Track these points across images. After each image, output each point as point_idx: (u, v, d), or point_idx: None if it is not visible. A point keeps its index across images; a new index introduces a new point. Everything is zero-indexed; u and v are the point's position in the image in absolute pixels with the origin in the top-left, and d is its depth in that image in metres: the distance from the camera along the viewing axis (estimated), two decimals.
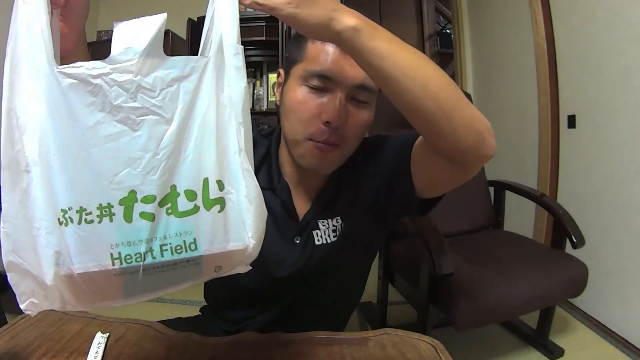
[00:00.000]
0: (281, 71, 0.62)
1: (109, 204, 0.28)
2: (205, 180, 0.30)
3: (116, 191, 0.28)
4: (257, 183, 0.33)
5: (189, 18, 2.42)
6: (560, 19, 1.88)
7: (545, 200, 1.49)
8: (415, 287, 1.25)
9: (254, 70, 2.36)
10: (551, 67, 1.91)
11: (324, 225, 0.63)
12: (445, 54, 3.65)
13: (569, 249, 1.31)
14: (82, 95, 0.29)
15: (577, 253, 1.28)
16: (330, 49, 0.53)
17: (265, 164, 0.65)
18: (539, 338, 1.47)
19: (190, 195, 0.30)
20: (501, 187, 1.72)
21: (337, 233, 0.64)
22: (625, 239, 1.52)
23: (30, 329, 0.56)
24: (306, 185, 0.64)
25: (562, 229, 1.32)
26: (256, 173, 0.65)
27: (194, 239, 0.30)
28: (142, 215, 0.28)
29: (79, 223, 0.28)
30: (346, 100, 0.54)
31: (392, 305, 1.61)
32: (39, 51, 0.30)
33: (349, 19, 0.40)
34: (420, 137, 0.55)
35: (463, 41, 2.80)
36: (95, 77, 0.30)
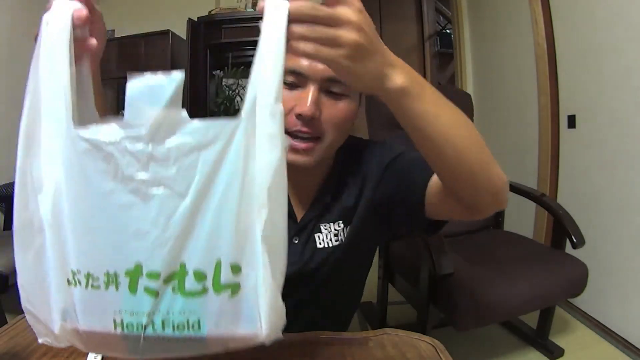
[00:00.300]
0: None
1: (115, 273, 0.27)
2: (218, 263, 0.28)
3: (123, 262, 0.27)
4: (282, 271, 0.31)
5: (189, 18, 2.42)
6: (560, 19, 1.88)
7: (545, 200, 1.49)
8: (415, 287, 1.25)
9: None
10: (551, 67, 1.91)
11: (326, 229, 0.64)
12: (445, 54, 3.65)
13: (569, 249, 1.31)
14: (96, 161, 0.28)
15: (577, 253, 1.28)
16: None
17: None
18: (539, 338, 1.47)
19: (199, 276, 0.28)
20: None
21: (339, 237, 0.64)
22: (625, 239, 1.52)
23: (30, 329, 0.56)
24: (304, 185, 0.65)
25: (562, 229, 1.32)
26: None
27: (198, 320, 0.28)
28: (146, 289, 0.27)
29: (86, 287, 0.28)
30: (320, 92, 0.54)
31: (392, 305, 1.61)
32: (60, 109, 0.29)
33: (399, 78, 0.39)
34: (436, 177, 0.55)
35: (463, 41, 2.80)
36: (107, 144, 0.28)
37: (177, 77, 0.28)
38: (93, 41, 0.38)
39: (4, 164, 2.17)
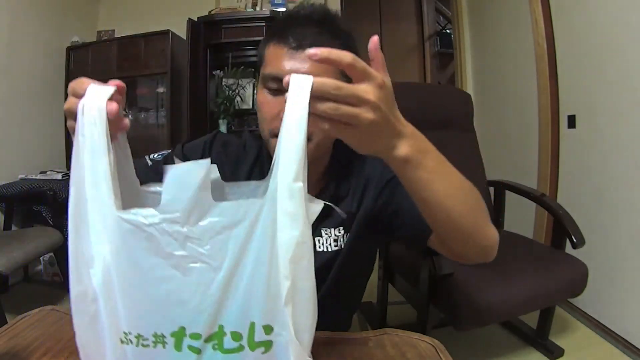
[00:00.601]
0: None
1: (162, 334, 0.31)
2: (252, 324, 0.32)
3: (169, 326, 0.31)
4: (309, 330, 0.34)
5: (189, 18, 2.42)
6: (560, 19, 1.88)
7: (545, 200, 1.49)
8: (415, 287, 1.25)
9: (254, 70, 2.36)
10: (551, 67, 1.91)
11: (326, 234, 0.65)
12: (445, 54, 3.65)
13: (569, 249, 1.31)
14: (139, 240, 0.32)
15: (577, 253, 1.28)
16: (283, 51, 0.55)
17: (258, 165, 0.67)
18: (539, 338, 1.47)
19: (236, 336, 0.32)
20: (501, 187, 1.72)
21: (339, 243, 0.65)
22: (625, 239, 1.52)
23: (30, 329, 0.56)
24: None
25: (562, 229, 1.32)
26: (249, 174, 0.66)
27: None
28: (190, 348, 0.31)
29: (137, 345, 0.32)
30: None
31: (392, 305, 1.61)
32: (103, 195, 0.32)
33: (403, 148, 0.41)
34: None
35: (463, 41, 2.80)
36: (148, 225, 0.31)
37: (205, 164, 0.32)
38: (126, 121, 0.40)
39: (4, 164, 2.18)
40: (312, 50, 0.35)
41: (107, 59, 2.62)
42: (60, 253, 1.90)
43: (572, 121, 1.81)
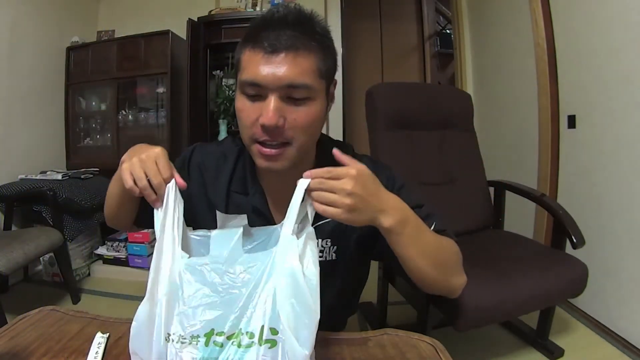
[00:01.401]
0: None
1: (197, 335, 0.44)
2: (262, 327, 0.44)
3: (203, 329, 0.44)
4: (308, 336, 0.44)
5: (189, 18, 2.42)
6: (560, 19, 1.88)
7: (545, 200, 1.49)
8: (415, 287, 1.25)
9: None
10: (551, 67, 1.91)
11: None
12: (445, 54, 3.65)
13: (569, 249, 1.31)
14: (193, 274, 0.48)
15: (577, 253, 1.28)
16: (258, 56, 0.54)
17: (240, 169, 0.67)
18: (539, 338, 1.47)
19: (250, 335, 0.44)
20: (501, 187, 1.72)
21: (324, 254, 0.66)
22: (625, 239, 1.52)
23: (30, 329, 0.56)
24: (286, 193, 0.65)
25: (562, 229, 1.32)
26: (230, 182, 0.66)
27: None
28: (215, 343, 0.44)
29: (176, 342, 0.44)
30: (282, 100, 0.55)
31: (392, 305, 1.61)
32: (174, 248, 0.49)
33: (386, 221, 0.53)
34: None
35: (463, 41, 2.80)
36: (200, 265, 0.48)
37: (238, 231, 0.51)
38: (184, 184, 0.54)
39: (4, 164, 2.18)
40: (305, 174, 0.51)
41: (107, 59, 2.62)
42: (60, 253, 1.90)
43: (572, 121, 1.81)
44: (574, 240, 1.26)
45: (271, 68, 0.53)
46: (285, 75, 0.53)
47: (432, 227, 0.66)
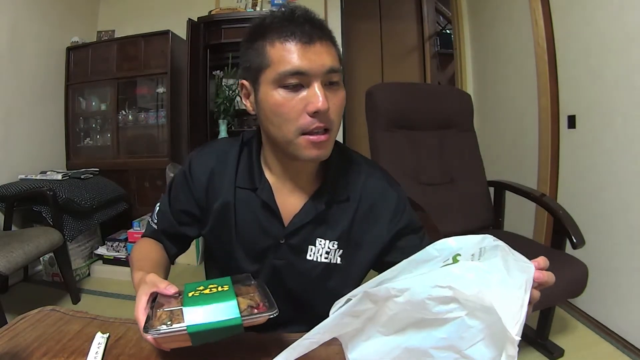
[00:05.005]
0: (244, 82, 0.62)
1: None
2: None
3: None
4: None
5: (189, 18, 2.42)
6: (560, 19, 1.88)
7: (545, 200, 1.49)
8: None
9: None
10: (551, 67, 1.91)
11: (320, 244, 0.66)
12: (445, 54, 3.65)
13: (569, 249, 1.31)
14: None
15: (577, 253, 1.28)
16: (295, 47, 0.55)
17: (244, 165, 0.68)
18: (539, 338, 1.47)
19: None
20: (501, 187, 1.72)
21: (330, 256, 0.66)
22: (625, 239, 1.52)
23: (30, 329, 0.56)
24: (294, 188, 0.66)
25: (562, 229, 1.32)
26: (235, 175, 0.66)
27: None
28: None
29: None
30: (323, 86, 0.56)
31: None
32: None
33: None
34: None
35: (463, 41, 2.80)
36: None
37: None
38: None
39: (4, 164, 2.18)
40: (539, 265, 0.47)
41: (107, 59, 2.62)
42: (61, 253, 1.90)
43: (572, 121, 1.81)
44: (574, 240, 1.26)
45: (312, 55, 0.55)
46: (328, 59, 0.56)
47: None
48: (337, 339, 0.55)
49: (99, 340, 0.53)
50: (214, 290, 0.48)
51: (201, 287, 0.49)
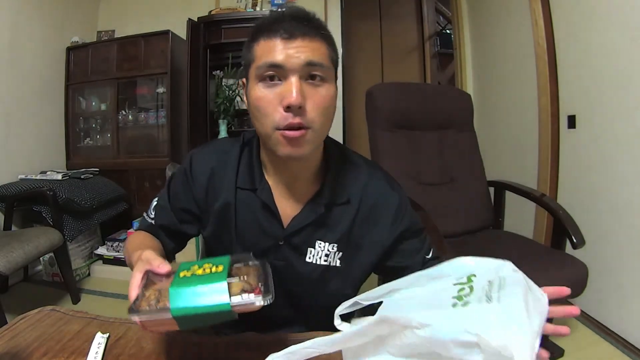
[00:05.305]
0: (243, 81, 0.63)
1: None
2: None
3: None
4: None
5: (189, 18, 2.42)
6: (560, 19, 1.88)
7: (545, 200, 1.49)
8: None
9: None
10: (551, 67, 1.91)
11: (319, 247, 0.65)
12: (445, 54, 3.65)
13: (569, 249, 1.31)
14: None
15: (577, 253, 1.28)
16: (276, 41, 0.55)
17: (244, 166, 0.67)
18: None
19: None
20: (501, 187, 1.72)
21: (329, 259, 0.66)
22: (625, 239, 1.52)
23: (30, 329, 0.56)
24: (292, 189, 0.66)
25: (562, 229, 1.32)
26: (236, 176, 0.66)
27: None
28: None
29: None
30: (302, 81, 0.56)
31: None
32: None
33: None
34: None
35: (463, 41, 2.80)
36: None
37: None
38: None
39: (4, 164, 2.18)
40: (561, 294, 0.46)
41: (107, 59, 2.62)
42: (61, 253, 1.90)
43: (572, 121, 1.81)
44: (574, 240, 1.26)
45: (291, 50, 0.55)
46: (304, 53, 0.55)
47: (430, 255, 0.69)
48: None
49: (99, 340, 0.53)
50: (207, 270, 0.44)
51: (195, 267, 0.45)
